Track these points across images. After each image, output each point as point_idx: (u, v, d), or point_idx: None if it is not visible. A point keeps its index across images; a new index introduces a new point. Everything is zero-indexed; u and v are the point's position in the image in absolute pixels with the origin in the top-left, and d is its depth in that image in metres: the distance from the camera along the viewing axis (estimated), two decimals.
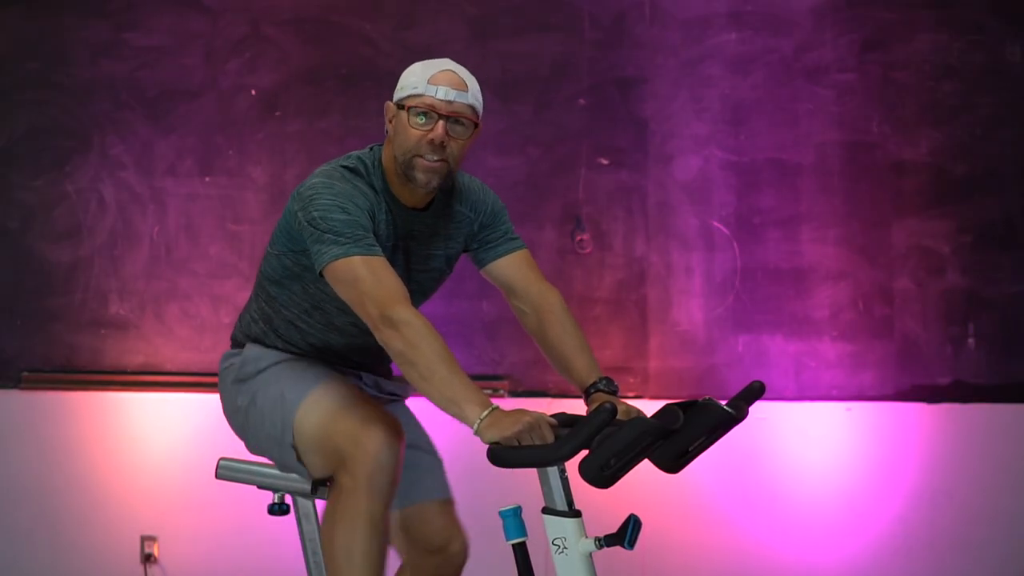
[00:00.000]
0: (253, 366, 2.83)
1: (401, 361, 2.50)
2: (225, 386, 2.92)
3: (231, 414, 2.91)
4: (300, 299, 2.80)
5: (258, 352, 2.85)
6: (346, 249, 2.57)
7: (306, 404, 2.71)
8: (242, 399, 2.84)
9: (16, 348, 4.58)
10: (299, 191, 2.71)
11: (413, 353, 2.47)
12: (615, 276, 4.66)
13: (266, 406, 2.77)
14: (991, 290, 4.67)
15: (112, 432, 4.49)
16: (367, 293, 2.54)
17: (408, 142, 2.68)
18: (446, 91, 2.66)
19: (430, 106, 2.66)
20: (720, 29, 4.70)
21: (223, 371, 2.94)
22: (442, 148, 2.67)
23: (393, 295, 2.53)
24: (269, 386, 2.78)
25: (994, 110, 4.69)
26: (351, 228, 2.60)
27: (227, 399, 2.91)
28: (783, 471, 4.56)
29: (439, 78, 2.68)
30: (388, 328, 2.50)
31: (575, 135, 4.68)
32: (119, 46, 4.64)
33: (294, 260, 2.76)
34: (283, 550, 3.55)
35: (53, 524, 4.45)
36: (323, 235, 2.59)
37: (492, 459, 2.40)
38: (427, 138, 2.66)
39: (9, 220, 4.61)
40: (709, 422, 2.51)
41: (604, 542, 2.44)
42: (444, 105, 2.66)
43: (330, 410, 2.68)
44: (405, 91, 2.70)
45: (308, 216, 2.63)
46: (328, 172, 2.73)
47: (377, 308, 2.52)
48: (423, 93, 2.66)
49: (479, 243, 2.89)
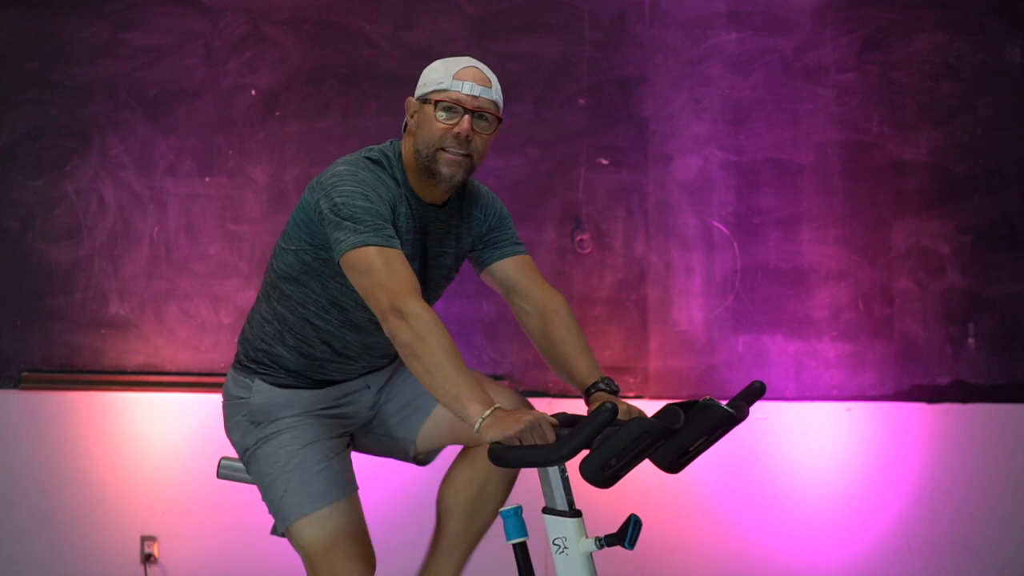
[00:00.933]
0: (263, 416, 2.88)
1: (407, 353, 2.51)
2: (233, 416, 2.94)
3: (234, 442, 2.96)
4: (318, 295, 2.81)
5: (268, 401, 2.88)
6: (364, 238, 2.59)
7: (303, 522, 2.79)
8: (248, 440, 2.89)
9: (16, 348, 4.58)
10: (320, 180, 2.72)
11: (420, 346, 2.48)
12: (615, 276, 4.66)
13: (267, 482, 2.85)
14: (991, 290, 4.67)
15: (112, 432, 4.49)
16: (380, 283, 2.55)
17: (433, 135, 2.70)
18: (471, 86, 2.69)
19: (456, 100, 2.69)
20: (720, 29, 4.70)
21: (230, 397, 2.95)
22: (467, 142, 2.70)
23: (405, 287, 2.55)
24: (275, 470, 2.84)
25: (994, 110, 4.69)
26: (371, 216, 2.61)
27: (232, 427, 2.95)
28: (783, 471, 4.56)
29: (464, 73, 2.71)
30: (397, 319, 2.51)
31: (575, 135, 4.68)
32: (119, 46, 4.64)
33: (313, 255, 2.77)
34: (283, 550, 3.55)
35: (53, 524, 4.45)
36: (343, 222, 2.61)
37: (493, 459, 2.40)
38: (452, 131, 2.69)
39: (9, 220, 4.61)
40: (709, 422, 2.51)
41: (604, 542, 2.44)
42: (470, 100, 2.69)
43: (323, 541, 2.78)
44: (429, 86, 2.73)
45: (330, 202, 2.64)
46: (352, 161, 2.74)
47: (388, 298, 2.53)
48: (448, 88, 2.70)
49: (485, 244, 2.91)
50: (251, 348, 2.92)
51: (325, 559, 2.76)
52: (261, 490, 2.88)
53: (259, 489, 2.89)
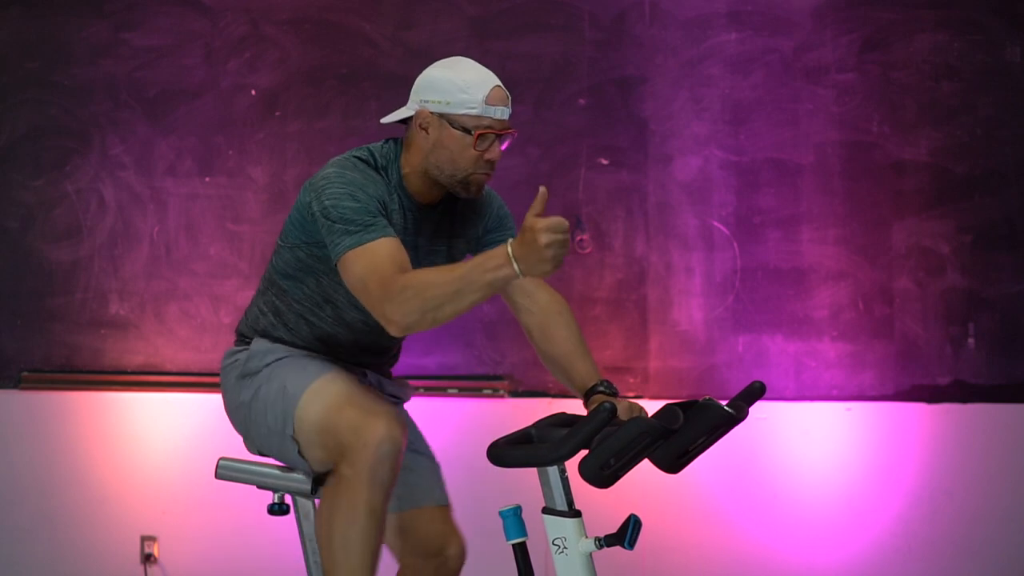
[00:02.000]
0: (259, 361, 2.84)
1: (427, 319, 2.47)
2: (228, 382, 2.92)
3: (233, 411, 2.90)
4: (312, 292, 2.81)
5: (264, 347, 2.86)
6: (357, 238, 2.59)
7: (308, 395, 2.70)
8: (245, 394, 2.84)
9: (16, 348, 4.58)
10: (311, 182, 2.73)
11: (424, 298, 2.46)
12: (615, 276, 4.66)
13: (268, 398, 2.77)
14: (991, 290, 4.66)
15: (112, 432, 4.49)
16: (367, 288, 2.55)
17: (464, 161, 2.70)
18: (503, 111, 2.71)
19: (489, 127, 2.69)
20: (720, 29, 4.70)
21: (226, 367, 2.94)
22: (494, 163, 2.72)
23: (387, 277, 2.52)
24: (272, 380, 2.79)
25: (994, 110, 4.69)
26: (361, 215, 2.61)
27: (230, 396, 2.91)
28: (783, 471, 4.56)
29: (495, 97, 2.70)
30: (387, 303, 2.49)
31: (575, 135, 4.68)
32: (119, 46, 4.64)
33: (308, 252, 2.77)
34: (283, 550, 3.55)
35: (53, 524, 4.45)
36: (334, 225, 2.61)
37: (492, 459, 2.40)
38: (486, 157, 2.70)
39: (9, 220, 4.61)
40: (709, 422, 2.51)
41: (604, 542, 2.44)
42: (500, 124, 2.71)
43: (332, 401, 2.68)
44: (456, 108, 2.69)
45: (320, 205, 2.65)
46: (340, 162, 2.75)
47: (374, 298, 2.53)
48: (481, 114, 2.68)
49: (483, 244, 2.91)
50: (247, 328, 2.94)
51: (339, 416, 2.64)
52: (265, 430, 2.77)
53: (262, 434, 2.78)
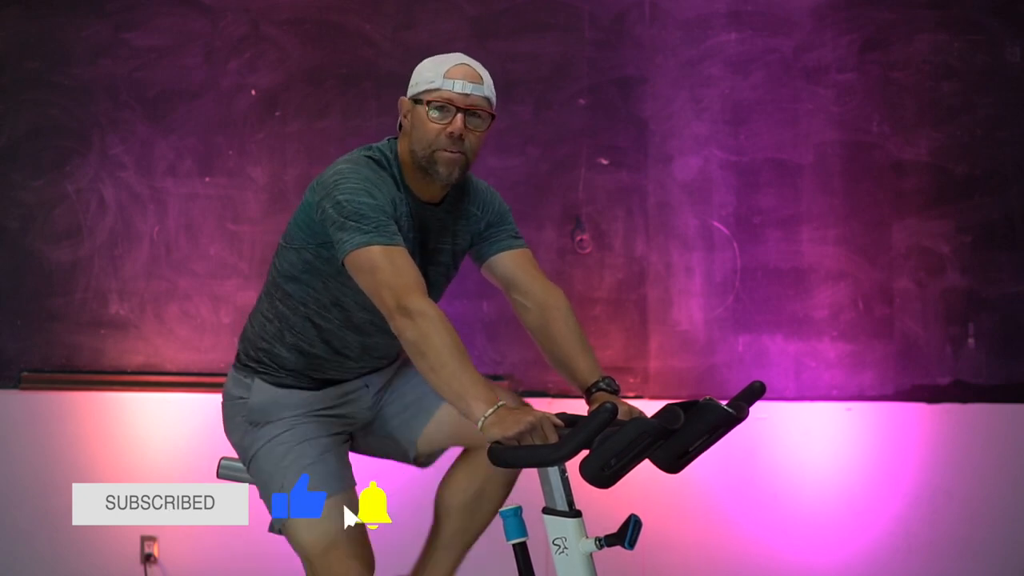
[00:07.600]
0: (262, 416, 2.88)
1: (413, 351, 2.50)
2: (232, 418, 2.94)
3: (232, 435, 2.96)
4: (320, 295, 2.81)
5: (267, 400, 2.88)
6: (369, 238, 2.58)
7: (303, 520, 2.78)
8: (247, 441, 2.89)
9: (16, 348, 4.58)
10: (321, 180, 2.72)
11: (425, 344, 2.47)
12: (615, 276, 4.66)
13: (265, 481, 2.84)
14: (991, 290, 4.67)
15: (112, 432, 4.49)
16: (385, 282, 2.55)
17: (427, 136, 2.70)
18: (463, 84, 2.68)
19: (447, 99, 2.68)
20: (720, 29, 4.70)
21: (230, 397, 2.95)
22: (460, 140, 2.69)
23: (411, 285, 2.54)
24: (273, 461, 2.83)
25: (994, 110, 4.69)
26: (376, 213, 2.61)
27: (232, 429, 2.95)
28: (783, 471, 4.56)
29: (455, 72, 2.70)
30: (403, 317, 2.50)
31: (575, 135, 4.68)
32: (119, 46, 4.64)
33: (315, 253, 2.76)
34: (283, 550, 3.55)
35: (53, 524, 4.44)
36: (346, 221, 2.60)
37: (493, 459, 2.40)
38: (446, 131, 2.68)
39: (9, 220, 4.61)
40: (709, 422, 2.51)
41: (604, 542, 2.44)
42: (461, 98, 2.69)
43: (321, 540, 2.76)
44: (420, 86, 2.72)
45: (333, 200, 2.63)
46: (353, 159, 2.74)
47: (394, 297, 2.53)
48: (440, 87, 2.69)
49: (483, 239, 2.91)
50: (251, 347, 2.92)
51: (323, 559, 2.76)
52: (260, 488, 2.88)
53: (258, 488, 2.89)
